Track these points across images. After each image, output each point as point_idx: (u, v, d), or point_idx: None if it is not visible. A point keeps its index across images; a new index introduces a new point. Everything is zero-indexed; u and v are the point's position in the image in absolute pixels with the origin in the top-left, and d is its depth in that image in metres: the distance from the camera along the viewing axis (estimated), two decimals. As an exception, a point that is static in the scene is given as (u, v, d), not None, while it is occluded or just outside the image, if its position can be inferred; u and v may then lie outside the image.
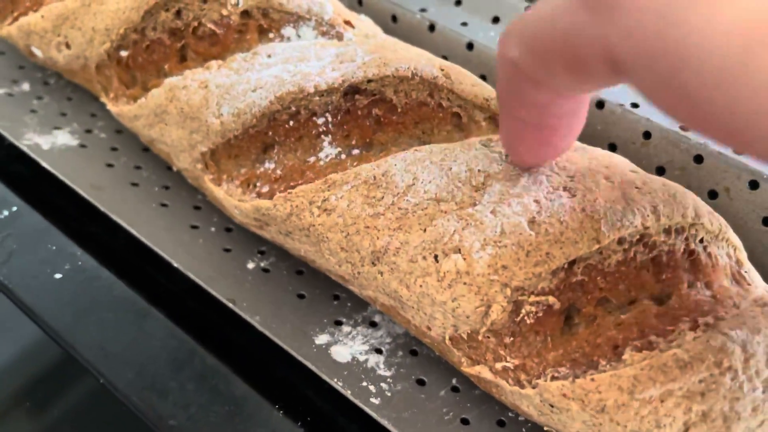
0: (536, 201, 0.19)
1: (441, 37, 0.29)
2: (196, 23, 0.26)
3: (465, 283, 0.19)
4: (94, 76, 0.29)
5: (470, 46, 0.28)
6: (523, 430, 0.22)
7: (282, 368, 0.24)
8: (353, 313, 0.25)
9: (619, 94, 0.26)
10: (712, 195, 0.25)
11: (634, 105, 0.26)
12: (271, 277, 0.26)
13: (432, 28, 0.29)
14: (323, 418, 0.23)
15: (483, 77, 0.28)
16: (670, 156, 0.25)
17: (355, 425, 0.23)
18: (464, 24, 0.29)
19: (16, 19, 0.32)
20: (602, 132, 0.26)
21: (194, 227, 0.27)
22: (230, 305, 0.25)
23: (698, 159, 0.24)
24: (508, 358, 0.20)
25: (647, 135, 0.25)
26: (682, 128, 0.25)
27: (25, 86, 0.34)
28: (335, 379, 0.23)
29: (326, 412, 0.23)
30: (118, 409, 0.24)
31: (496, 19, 0.29)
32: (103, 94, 0.29)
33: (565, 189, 0.19)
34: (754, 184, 0.24)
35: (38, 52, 0.31)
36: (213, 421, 0.23)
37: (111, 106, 0.29)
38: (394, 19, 0.30)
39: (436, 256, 0.19)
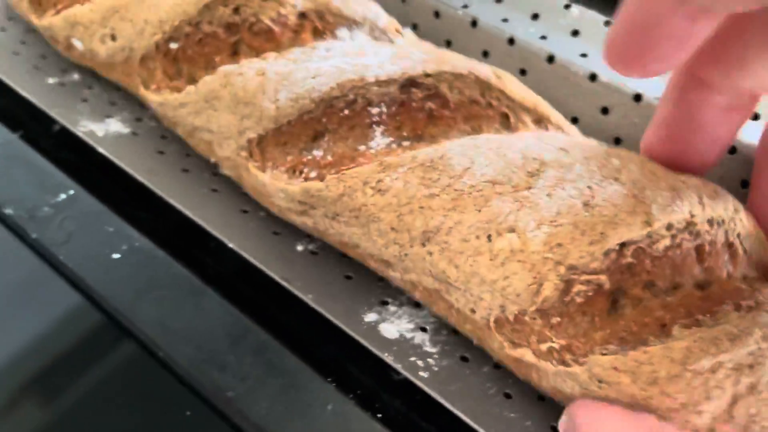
0: (589, 187, 0.20)
1: (482, 33, 0.30)
2: (253, 19, 0.27)
3: (518, 261, 0.20)
4: (136, 68, 0.31)
5: (511, 41, 0.29)
6: (562, 402, 0.23)
7: (333, 344, 0.25)
8: (398, 294, 0.26)
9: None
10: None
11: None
12: (320, 258, 0.27)
13: (474, 23, 0.30)
14: (372, 392, 0.24)
15: (523, 72, 0.29)
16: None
17: (400, 400, 0.24)
18: (505, 20, 0.30)
19: (59, 11, 0.33)
20: (640, 126, 0.27)
21: (244, 211, 0.29)
22: (285, 284, 0.26)
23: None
24: (554, 339, 0.21)
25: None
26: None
27: (75, 76, 0.35)
28: (386, 354, 0.24)
29: (375, 387, 0.25)
30: (178, 382, 0.25)
31: (535, 16, 0.30)
32: (142, 87, 0.31)
33: (615, 179, 0.21)
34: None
35: (79, 44, 0.33)
36: (269, 392, 0.24)
37: (153, 97, 0.30)
38: (437, 14, 0.31)
39: (489, 236, 0.21)
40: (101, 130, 0.32)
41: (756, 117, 0.25)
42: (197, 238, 0.28)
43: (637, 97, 0.27)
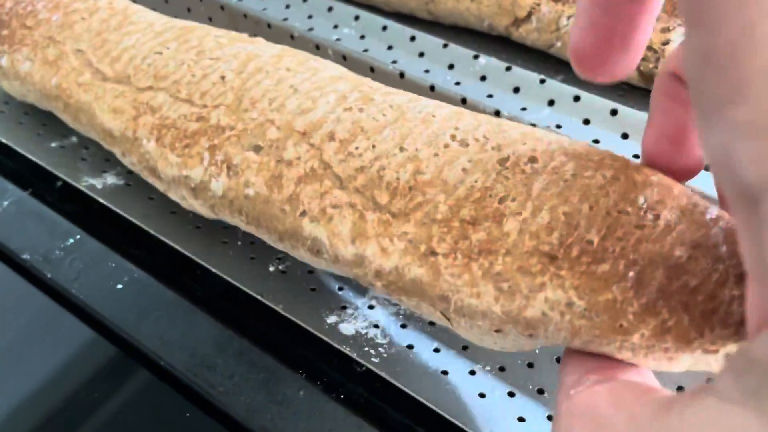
0: None
1: (409, 83, 0.36)
2: None
3: None
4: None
5: (432, 88, 0.36)
6: (490, 376, 0.29)
7: (301, 344, 0.31)
8: (354, 300, 0.32)
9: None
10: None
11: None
12: (288, 276, 0.33)
13: (402, 75, 0.37)
14: (336, 381, 0.30)
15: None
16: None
17: (361, 386, 0.30)
18: (427, 71, 0.37)
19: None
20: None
21: (224, 242, 0.35)
22: (259, 297, 0.32)
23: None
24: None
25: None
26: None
27: (74, 139, 0.41)
28: (345, 347, 0.30)
29: (338, 376, 0.30)
30: (178, 383, 0.31)
31: (451, 66, 0.37)
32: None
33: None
34: None
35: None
36: (252, 385, 0.30)
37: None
38: (372, 69, 0.37)
39: None
40: (100, 183, 0.38)
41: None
42: (186, 267, 0.34)
43: (533, 125, 0.33)
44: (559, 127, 0.33)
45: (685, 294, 0.18)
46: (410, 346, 0.30)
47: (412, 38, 0.37)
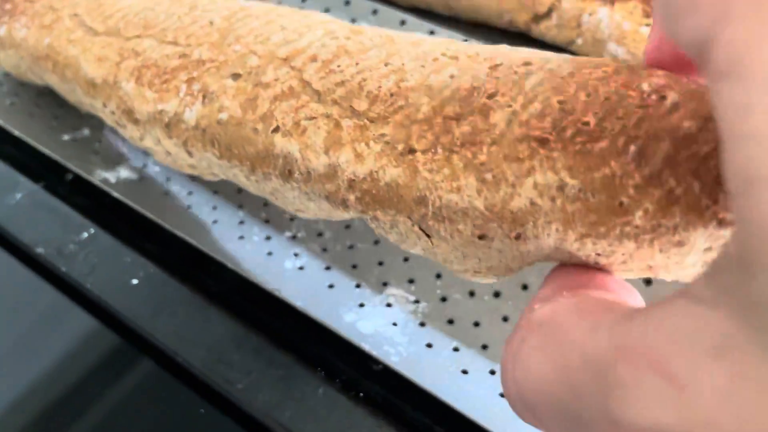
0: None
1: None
2: None
3: None
4: None
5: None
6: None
7: (320, 341, 0.31)
8: (372, 297, 0.32)
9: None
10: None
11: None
12: (305, 273, 0.33)
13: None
14: (354, 378, 0.30)
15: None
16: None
17: (379, 385, 0.30)
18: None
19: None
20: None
21: (241, 238, 0.34)
22: (276, 294, 0.31)
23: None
24: None
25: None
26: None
27: (86, 131, 0.41)
28: (363, 345, 0.30)
29: (356, 374, 0.30)
30: (194, 380, 0.30)
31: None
32: None
33: None
34: None
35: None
36: (270, 381, 0.29)
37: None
38: (391, 64, 0.37)
39: None
40: (113, 177, 0.37)
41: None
42: (201, 262, 0.34)
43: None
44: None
45: (696, 161, 0.16)
46: (429, 345, 0.30)
47: (431, 33, 0.37)
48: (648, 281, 0.29)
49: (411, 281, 0.32)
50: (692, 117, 0.16)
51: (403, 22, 0.37)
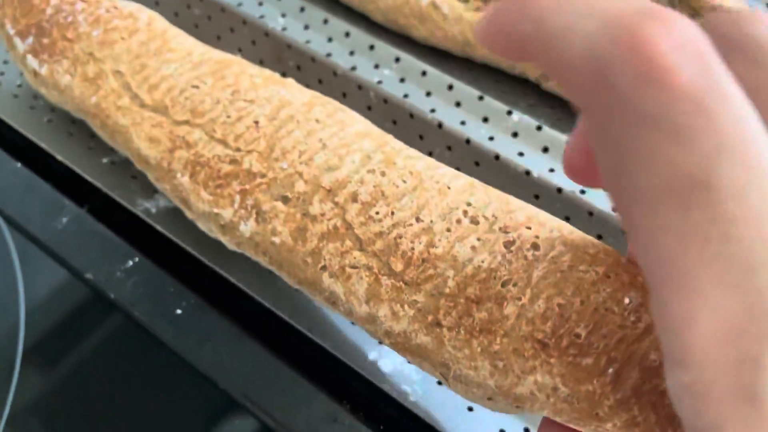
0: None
1: (447, 133, 0.39)
2: None
3: None
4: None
5: (468, 141, 0.39)
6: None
7: (345, 377, 0.35)
8: (390, 335, 0.36)
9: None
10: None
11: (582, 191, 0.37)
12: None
13: (440, 125, 0.39)
14: (376, 411, 0.35)
15: (477, 163, 0.38)
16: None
17: (398, 416, 0.35)
18: (463, 123, 0.40)
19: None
20: (560, 211, 0.37)
21: (271, 272, 0.38)
22: (308, 334, 0.36)
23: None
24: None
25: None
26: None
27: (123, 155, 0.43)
28: (384, 385, 0.34)
29: (378, 408, 0.35)
30: (232, 408, 0.35)
31: (485, 119, 0.40)
32: None
33: None
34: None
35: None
36: (305, 413, 0.34)
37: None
38: (411, 116, 0.40)
39: None
40: (153, 206, 0.41)
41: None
42: (238, 294, 0.38)
43: (559, 189, 0.37)
44: (582, 192, 0.36)
45: (655, 395, 0.20)
46: (439, 383, 0.35)
47: (450, 87, 0.40)
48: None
49: (425, 323, 0.36)
50: (657, 349, 0.21)
51: (424, 73, 0.40)
